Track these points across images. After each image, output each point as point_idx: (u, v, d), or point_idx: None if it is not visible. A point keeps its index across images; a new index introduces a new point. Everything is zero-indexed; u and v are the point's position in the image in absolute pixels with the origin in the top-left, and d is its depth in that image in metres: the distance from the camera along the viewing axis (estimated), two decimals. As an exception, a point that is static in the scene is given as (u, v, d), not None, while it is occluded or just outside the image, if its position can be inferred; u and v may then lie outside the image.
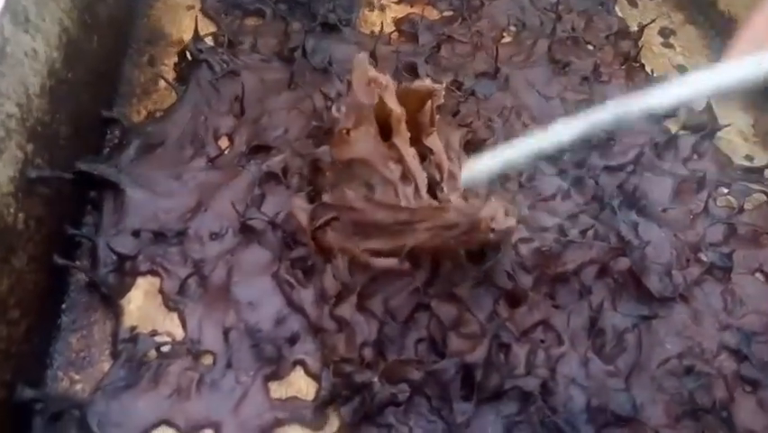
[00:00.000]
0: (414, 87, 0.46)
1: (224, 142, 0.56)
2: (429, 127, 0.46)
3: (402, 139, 0.43)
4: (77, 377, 0.42)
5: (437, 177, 0.43)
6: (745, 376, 0.44)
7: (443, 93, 0.46)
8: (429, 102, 0.45)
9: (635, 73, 0.64)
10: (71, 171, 0.48)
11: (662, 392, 0.42)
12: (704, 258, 0.49)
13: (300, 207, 0.46)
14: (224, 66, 0.60)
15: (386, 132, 0.45)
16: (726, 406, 0.42)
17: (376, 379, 0.40)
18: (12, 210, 0.39)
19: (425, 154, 0.45)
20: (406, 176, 0.43)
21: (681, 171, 0.56)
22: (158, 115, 0.58)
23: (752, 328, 0.46)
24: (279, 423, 0.41)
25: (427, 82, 0.46)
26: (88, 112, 0.53)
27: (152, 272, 0.47)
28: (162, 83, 0.61)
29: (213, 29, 0.66)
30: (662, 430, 0.41)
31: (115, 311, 0.45)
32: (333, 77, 0.58)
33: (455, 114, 0.55)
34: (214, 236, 0.49)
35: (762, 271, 0.50)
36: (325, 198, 0.46)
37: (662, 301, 0.46)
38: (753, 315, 0.47)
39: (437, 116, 0.46)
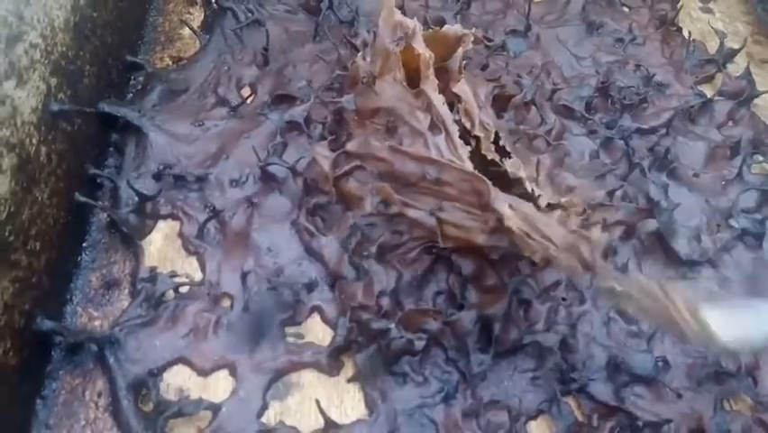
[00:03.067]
0: (442, 31, 0.45)
1: (246, 92, 0.55)
2: (458, 74, 0.44)
3: (431, 85, 0.42)
4: (95, 314, 0.43)
5: (468, 125, 0.42)
6: (772, 344, 0.42)
7: (473, 39, 0.45)
8: (458, 48, 0.44)
9: (671, 37, 0.62)
10: (94, 110, 0.47)
11: (685, 355, 0.41)
12: (735, 224, 0.48)
13: (322, 155, 0.46)
14: (249, 15, 0.59)
15: (413, 80, 0.43)
16: (752, 372, 0.41)
17: (393, 326, 0.39)
18: (34, 141, 0.39)
19: (452, 103, 0.44)
20: (436, 125, 0.42)
21: (714, 137, 0.54)
22: (182, 62, 0.58)
23: (782, 296, 0.44)
24: (294, 367, 0.41)
25: (456, 27, 0.45)
26: (113, 55, 0.52)
27: (173, 216, 0.47)
28: (187, 31, 0.60)
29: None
30: (684, 392, 0.40)
31: (135, 251, 0.45)
32: (360, 28, 0.57)
33: (484, 67, 0.54)
34: (235, 183, 0.48)
35: (795, 241, 0.48)
36: (349, 146, 0.46)
37: (690, 264, 0.45)
38: (784, 283, 0.45)
39: (464, 68, 0.44)
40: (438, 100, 0.41)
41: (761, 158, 0.53)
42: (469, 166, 0.39)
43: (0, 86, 0.36)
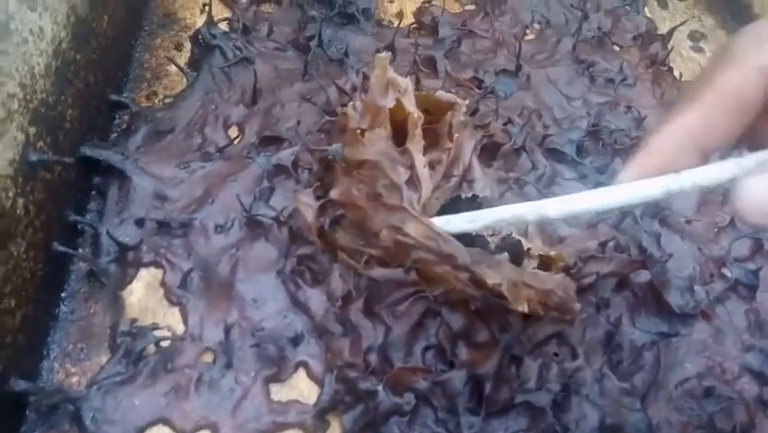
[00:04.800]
0: (435, 95, 0.44)
1: (233, 132, 0.54)
2: (447, 141, 0.44)
3: (416, 145, 0.41)
4: (73, 370, 0.41)
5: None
6: (767, 401, 0.42)
7: (465, 109, 0.44)
8: (449, 114, 0.44)
9: (662, 77, 0.62)
10: (75, 156, 0.46)
11: (680, 414, 0.41)
12: (728, 273, 0.47)
13: (306, 204, 0.45)
14: (238, 53, 0.58)
15: (400, 136, 0.43)
16: (746, 431, 0.40)
17: (380, 387, 0.38)
18: (11, 195, 0.38)
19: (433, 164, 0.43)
20: (414, 182, 0.41)
21: (706, 182, 0.54)
22: (168, 101, 0.57)
23: (776, 351, 0.44)
24: (279, 427, 0.39)
25: (450, 95, 0.44)
26: (96, 95, 0.51)
27: (155, 264, 0.46)
28: (173, 68, 0.59)
29: (227, 14, 0.64)
30: (679, 454, 0.39)
31: (116, 303, 0.44)
32: (349, 68, 0.57)
33: (473, 112, 0.53)
34: (220, 229, 0.47)
35: (788, 291, 0.48)
36: (333, 194, 0.45)
37: (683, 318, 0.44)
38: (777, 336, 0.45)
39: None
40: (420, 162, 0.40)
41: (753, 204, 0.53)
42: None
43: (-25, 142, 0.34)
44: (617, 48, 0.65)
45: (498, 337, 0.41)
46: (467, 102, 0.41)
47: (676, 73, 0.63)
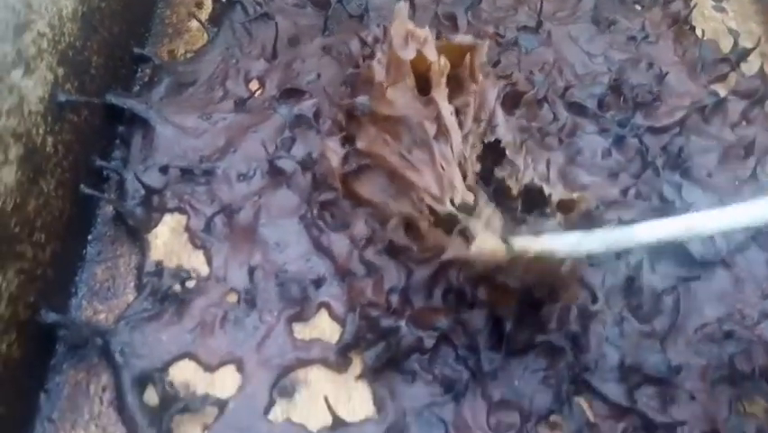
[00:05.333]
0: (455, 41, 0.44)
1: (254, 86, 0.54)
2: (471, 84, 0.44)
3: (441, 93, 0.42)
4: (100, 307, 0.42)
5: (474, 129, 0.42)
6: (787, 345, 0.42)
7: (486, 50, 0.44)
8: (470, 57, 0.44)
9: (684, 35, 0.61)
10: (100, 103, 0.47)
11: (700, 356, 0.41)
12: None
13: (332, 150, 0.45)
14: (258, 8, 0.59)
15: (423, 86, 0.43)
16: (766, 373, 0.40)
17: (403, 323, 0.39)
18: (41, 132, 0.38)
19: (459, 110, 0.43)
20: (443, 132, 0.42)
21: (728, 137, 0.53)
22: (189, 56, 0.57)
23: (797, 298, 0.44)
24: (302, 363, 0.40)
25: (469, 38, 0.44)
26: (120, 46, 0.52)
27: (179, 210, 0.46)
28: (195, 24, 0.59)
29: (248, -29, 0.64)
30: (698, 394, 0.39)
31: (141, 245, 0.45)
32: (370, 23, 0.57)
33: (495, 64, 0.53)
34: (242, 177, 0.48)
35: (809, 242, 0.48)
36: (360, 144, 0.45)
37: (704, 265, 0.44)
38: (798, 285, 0.45)
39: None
40: (446, 109, 0.40)
41: (775, 158, 0.52)
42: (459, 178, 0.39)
43: (8, 75, 0.35)
44: (638, 7, 0.64)
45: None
46: (487, 43, 0.41)
47: (698, 32, 0.62)
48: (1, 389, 0.34)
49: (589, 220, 0.41)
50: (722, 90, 0.57)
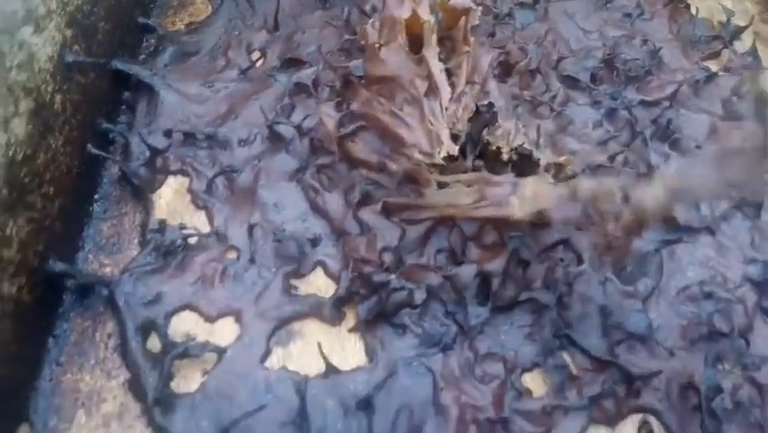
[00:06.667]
0: (450, 3, 0.46)
1: (256, 56, 0.56)
2: (463, 46, 0.45)
3: (431, 51, 0.43)
4: (106, 261, 0.44)
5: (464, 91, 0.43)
6: (765, 307, 0.43)
7: (479, 13, 0.46)
8: (464, 20, 0.45)
9: (679, 13, 0.63)
10: (107, 66, 0.49)
11: (680, 316, 0.42)
12: (734, 194, 0.48)
13: (328, 114, 0.47)
14: (261, -19, 0.60)
15: (418, 48, 0.44)
16: (744, 333, 0.42)
17: (394, 277, 0.40)
18: (49, 89, 0.40)
19: (452, 72, 0.45)
20: (432, 90, 0.43)
21: (718, 111, 0.55)
22: (193, 26, 0.59)
23: (778, 263, 0.45)
24: (298, 316, 0.42)
25: (464, 1, 0.46)
26: (126, 15, 0.54)
27: (182, 172, 0.48)
28: (199, -4, 0.61)
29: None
30: (677, 351, 0.41)
31: (145, 204, 0.46)
32: (369, -5, 0.58)
33: (491, 35, 0.54)
34: (243, 142, 0.50)
35: (793, 211, 0.49)
36: (354, 107, 0.47)
37: (688, 230, 0.46)
38: (780, 252, 0.46)
39: (471, 38, 0.45)
40: (436, 68, 0.42)
41: (763, 132, 0.54)
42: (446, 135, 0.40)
43: (18, 31, 0.37)
44: (635, -16, 0.65)
45: (506, 240, 0.43)
46: (481, 8, 0.42)
47: (693, 10, 0.63)
48: (13, 328, 0.35)
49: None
50: (714, 67, 0.59)
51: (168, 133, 0.49)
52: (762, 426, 0.38)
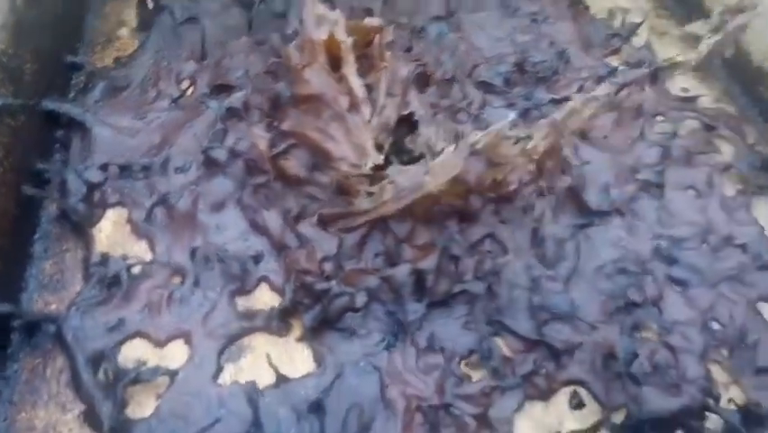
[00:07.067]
0: (363, 22, 0.49)
1: (185, 85, 0.58)
2: (379, 62, 0.48)
3: (350, 69, 0.46)
4: (51, 299, 0.45)
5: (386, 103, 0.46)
6: (674, 277, 0.48)
7: (392, 30, 0.49)
8: (377, 37, 0.48)
9: (580, 15, 0.68)
10: (37, 108, 0.49)
11: (599, 293, 0.46)
12: (640, 177, 0.53)
13: (259, 135, 0.49)
14: (185, 12, 0.62)
15: (337, 65, 0.47)
16: (657, 302, 0.46)
17: (335, 283, 0.43)
18: (-20, 135, 0.41)
19: (371, 85, 0.48)
20: (355, 105, 0.46)
21: (621, 103, 0.59)
22: (122, 61, 0.60)
23: (682, 236, 0.50)
24: (247, 331, 0.44)
25: (376, 20, 0.49)
26: (53, 54, 0.54)
27: (120, 203, 0.49)
28: (125, 31, 0.62)
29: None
30: (598, 325, 0.44)
31: (86, 239, 0.47)
32: (292, 19, 0.61)
33: (408, 50, 0.58)
34: (179, 170, 0.51)
35: (694, 188, 0.54)
36: (284, 126, 0.49)
37: (600, 214, 0.50)
38: (684, 225, 0.51)
39: (386, 54, 0.48)
40: (357, 84, 0.45)
41: (661, 118, 0.59)
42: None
43: (-57, 82, 0.38)
44: (538, -8, 0.70)
45: (437, 239, 0.46)
46: (394, 25, 0.45)
47: (592, 11, 0.68)
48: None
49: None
50: (615, 62, 0.64)
51: (103, 168, 0.50)
52: (678, 385, 0.42)
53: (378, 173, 0.43)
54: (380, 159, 0.43)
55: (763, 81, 0.61)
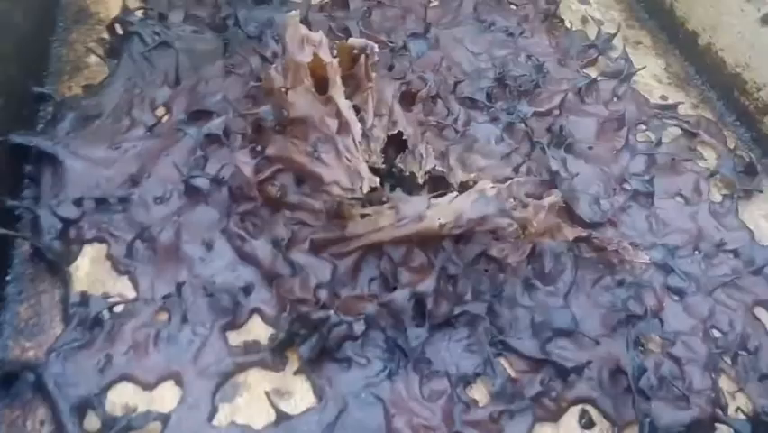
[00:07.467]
0: (348, 43, 0.48)
1: (161, 112, 0.56)
2: (366, 82, 0.47)
3: (338, 91, 0.45)
4: (28, 344, 0.42)
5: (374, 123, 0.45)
6: (671, 286, 0.47)
7: (377, 50, 0.48)
8: (363, 58, 0.47)
9: (555, 28, 0.68)
10: (3, 144, 0.47)
11: (599, 306, 0.46)
12: (628, 187, 0.53)
13: (244, 161, 0.47)
14: (156, 38, 0.60)
15: (323, 89, 0.46)
16: (657, 313, 0.46)
17: (332, 312, 0.41)
18: (-55, 175, 0.38)
19: (359, 108, 0.47)
20: (344, 127, 0.45)
21: (602, 112, 0.60)
22: (91, 89, 0.57)
23: (675, 244, 0.50)
24: (240, 368, 0.41)
25: (361, 40, 0.48)
26: (18, 86, 0.52)
27: (98, 239, 0.47)
28: (93, 60, 0.60)
29: (140, 4, 0.65)
30: (601, 339, 0.44)
31: (63, 278, 0.45)
32: (269, 40, 0.59)
33: (390, 68, 0.57)
34: (159, 200, 0.49)
35: (681, 195, 0.54)
36: (269, 151, 0.47)
37: (593, 226, 0.50)
38: (675, 233, 0.51)
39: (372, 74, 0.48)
40: (344, 105, 0.44)
41: (644, 127, 0.59)
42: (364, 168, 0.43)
43: None
44: (513, 6, 0.71)
45: (433, 260, 0.45)
46: (377, 44, 0.44)
47: (567, 24, 0.69)
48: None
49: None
50: (593, 73, 0.64)
51: (78, 202, 0.48)
52: (686, 397, 0.42)
53: (374, 195, 0.42)
54: (377, 181, 0.41)
55: (738, 87, 0.62)
